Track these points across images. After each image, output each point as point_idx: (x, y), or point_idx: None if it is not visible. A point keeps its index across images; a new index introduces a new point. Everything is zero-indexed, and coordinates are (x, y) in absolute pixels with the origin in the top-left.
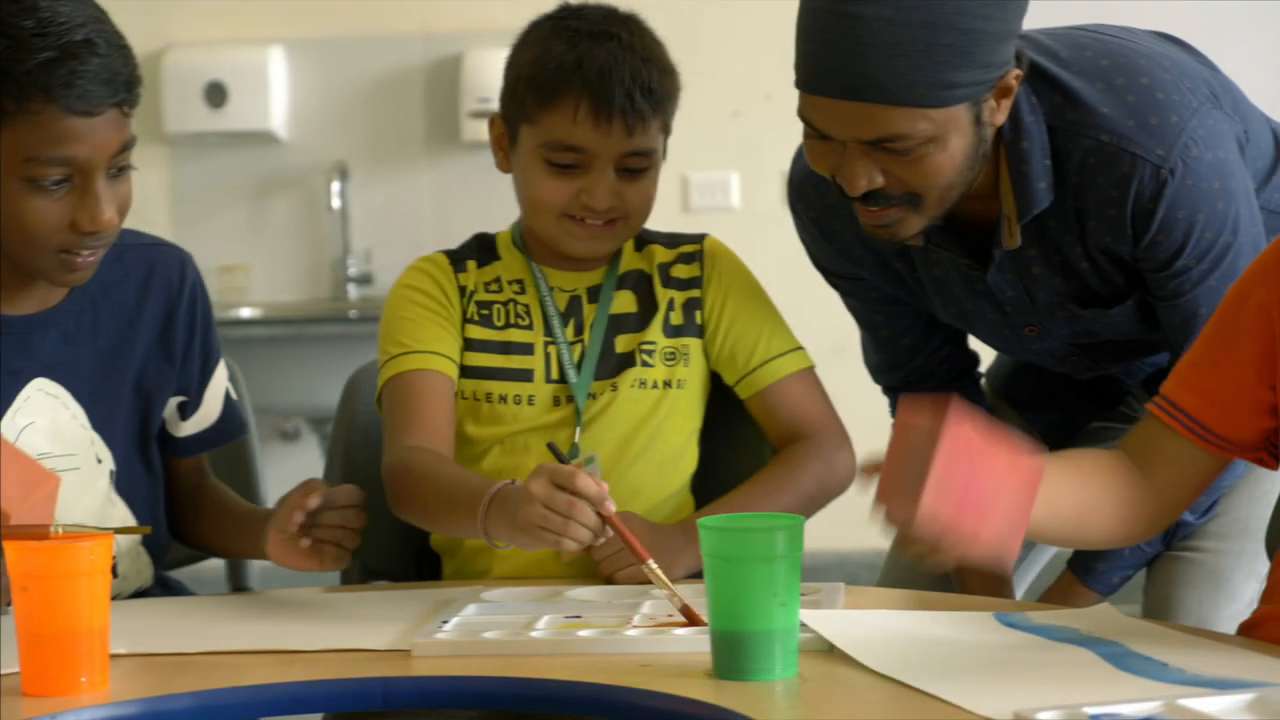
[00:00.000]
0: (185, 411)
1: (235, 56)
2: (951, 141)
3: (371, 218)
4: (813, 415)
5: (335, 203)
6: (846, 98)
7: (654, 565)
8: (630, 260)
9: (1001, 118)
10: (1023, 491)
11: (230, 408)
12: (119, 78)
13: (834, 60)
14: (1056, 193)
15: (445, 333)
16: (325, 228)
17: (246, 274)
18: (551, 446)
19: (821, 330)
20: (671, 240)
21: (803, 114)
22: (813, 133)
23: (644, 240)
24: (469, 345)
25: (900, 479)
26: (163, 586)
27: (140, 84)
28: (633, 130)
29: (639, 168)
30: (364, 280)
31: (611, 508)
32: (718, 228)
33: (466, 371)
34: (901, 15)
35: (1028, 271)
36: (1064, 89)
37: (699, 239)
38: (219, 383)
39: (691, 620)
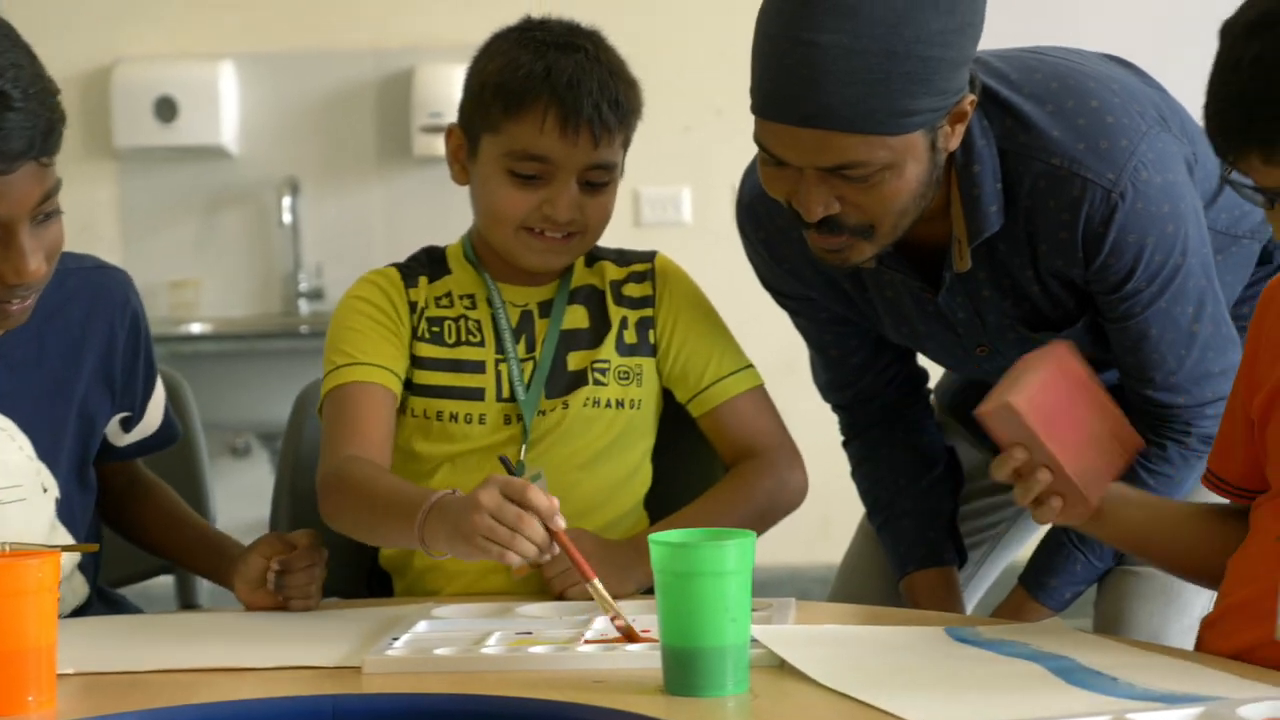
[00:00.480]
0: (128, 425)
1: (185, 71)
2: (908, 168)
3: (322, 233)
4: (764, 433)
5: (286, 218)
6: (804, 125)
7: (598, 584)
8: (581, 276)
9: (955, 143)
10: (1116, 450)
11: (168, 417)
12: (35, 130)
13: (791, 87)
14: (1008, 216)
15: (391, 347)
16: (276, 243)
17: (197, 289)
18: (503, 460)
19: (772, 346)
20: (621, 257)
21: (759, 140)
22: (769, 159)
23: (594, 256)
24: (420, 363)
25: (1001, 387)
26: (102, 599)
27: (63, 122)
28: (599, 142)
29: (600, 181)
30: (315, 295)
31: (561, 523)
32: (669, 243)
33: (417, 389)
34: (859, 43)
35: (978, 294)
36: (1015, 112)
37: (649, 257)
38: (159, 397)
39: (632, 640)
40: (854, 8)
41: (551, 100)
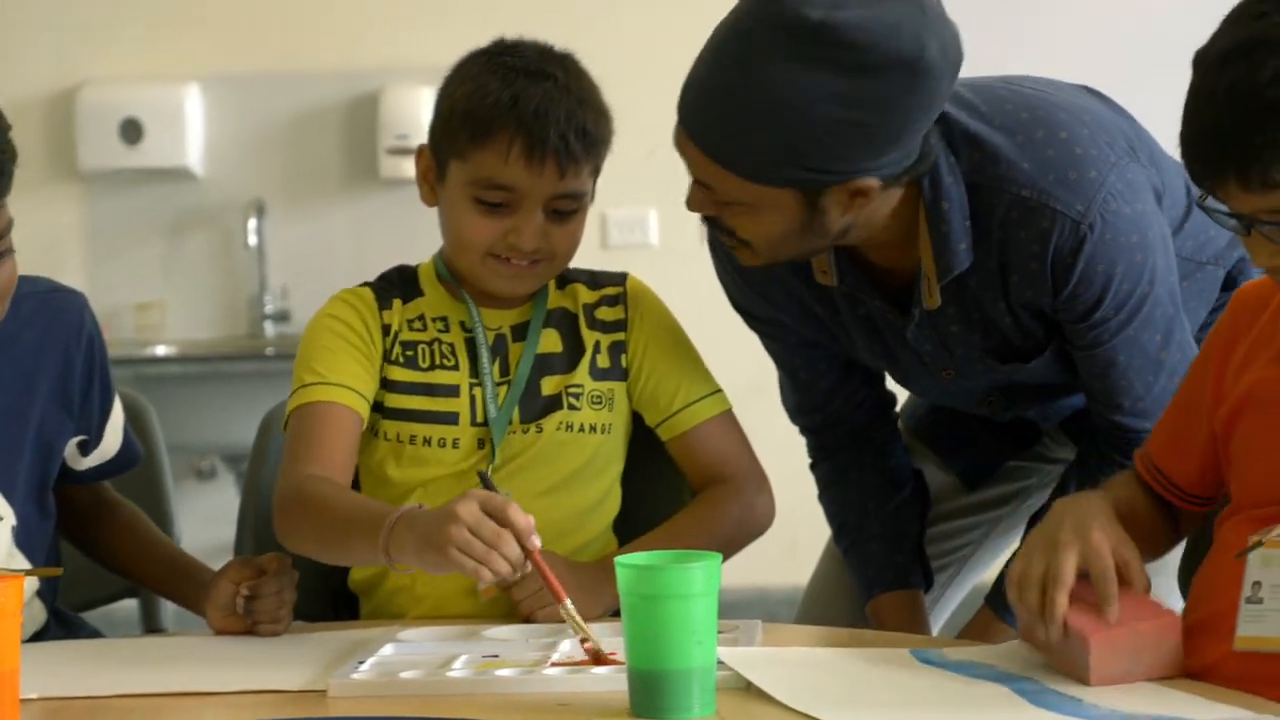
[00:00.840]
0: (85, 449)
1: (151, 93)
2: (765, 214)
3: (288, 255)
4: (733, 458)
5: (252, 240)
6: (682, 127)
7: (570, 606)
8: (554, 298)
9: (860, 212)
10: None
11: (128, 438)
12: None
13: (687, 91)
14: (979, 250)
15: (361, 368)
16: (242, 265)
17: (162, 311)
18: (482, 475)
19: (740, 369)
20: (593, 280)
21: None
22: None
23: (565, 279)
24: (393, 387)
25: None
26: (60, 623)
27: (13, 161)
28: (565, 172)
29: (568, 209)
30: (281, 317)
31: (537, 543)
32: (636, 265)
33: (390, 414)
34: (740, 93)
35: (946, 329)
36: (983, 145)
37: (620, 280)
38: (117, 420)
39: (600, 663)
40: (753, 60)
41: (518, 130)
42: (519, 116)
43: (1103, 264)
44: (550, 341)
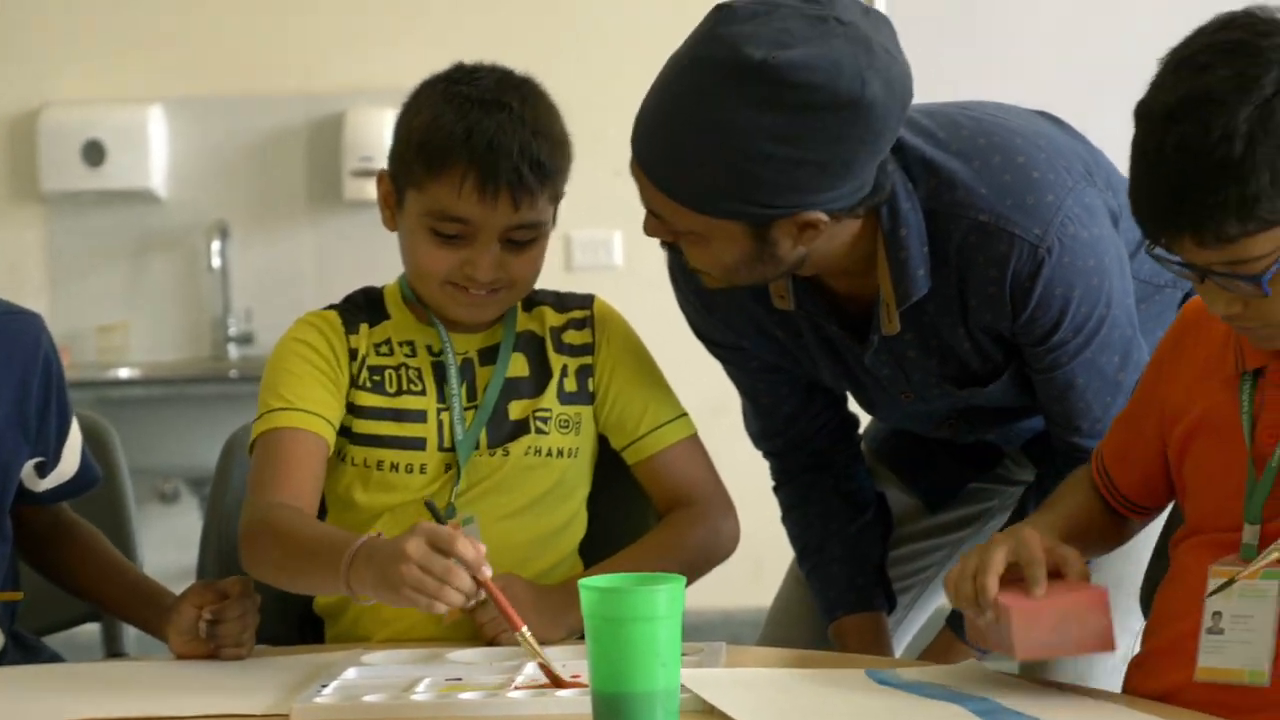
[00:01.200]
0: (42, 470)
1: (114, 115)
2: (715, 244)
3: (252, 277)
4: (699, 482)
5: (215, 262)
6: (635, 158)
7: (527, 633)
8: (521, 321)
9: (810, 242)
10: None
11: (86, 460)
12: None
13: (639, 118)
14: (938, 276)
15: (328, 394)
16: (205, 287)
17: (125, 333)
18: (429, 505)
19: (702, 390)
20: (560, 303)
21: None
22: None
23: (532, 301)
24: (360, 412)
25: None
26: (18, 646)
27: None
28: (519, 204)
29: (525, 239)
30: (244, 340)
31: (487, 573)
32: (600, 286)
33: (357, 439)
34: (685, 127)
35: (903, 355)
36: (939, 171)
37: (587, 302)
38: (75, 441)
39: (560, 687)
40: (699, 95)
41: (471, 164)
42: (472, 150)
43: (1060, 287)
44: (518, 365)
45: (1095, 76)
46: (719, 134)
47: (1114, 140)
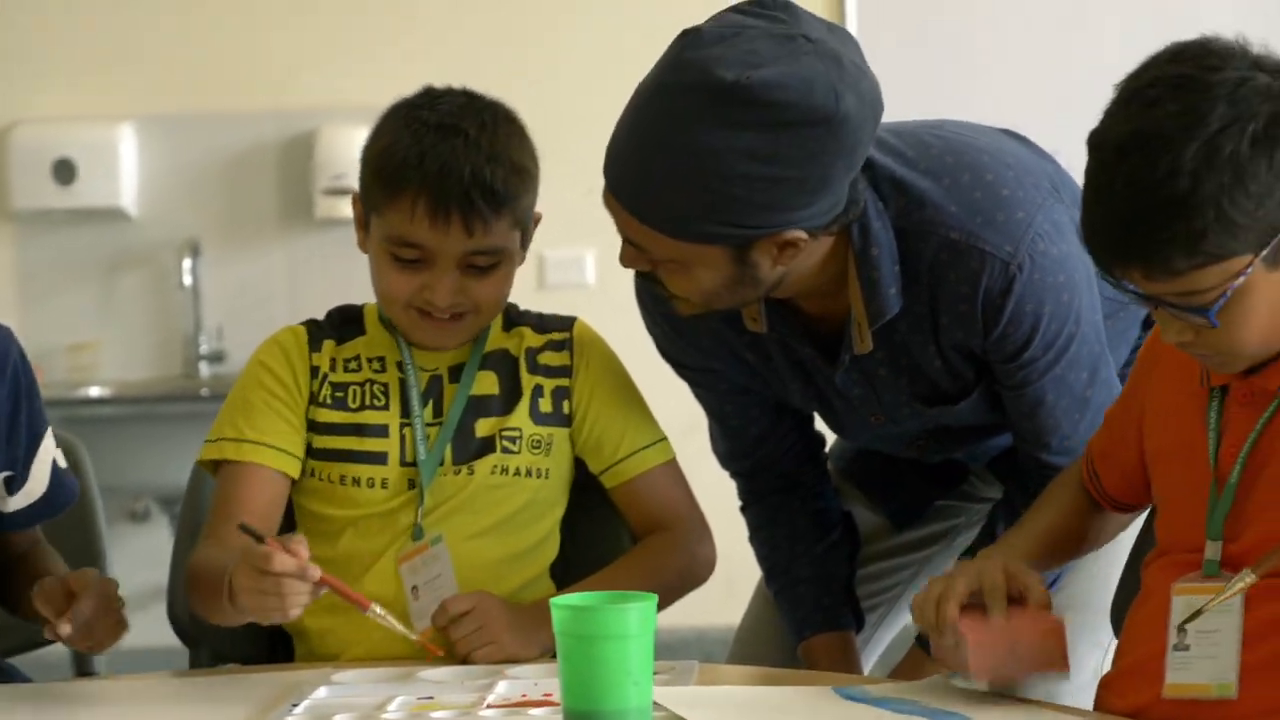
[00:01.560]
0: (11, 486)
1: (84, 133)
2: (695, 271)
3: (224, 295)
4: (675, 507)
5: (187, 280)
6: (609, 189)
7: (378, 609)
8: (497, 339)
9: (790, 261)
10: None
11: (58, 477)
12: None
13: (612, 149)
14: (910, 294)
15: (285, 423)
16: (176, 305)
17: (96, 352)
18: (244, 527)
19: (675, 409)
20: (541, 324)
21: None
22: None
23: (513, 320)
24: (321, 429)
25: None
26: None
27: None
28: (472, 230)
29: (485, 265)
30: (216, 358)
31: (316, 574)
32: (573, 305)
33: (318, 454)
34: (661, 152)
35: (874, 374)
36: (909, 190)
37: (568, 324)
38: (46, 455)
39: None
40: (673, 120)
41: (421, 189)
42: (423, 175)
43: (1031, 304)
44: (487, 383)
45: (1064, 95)
46: (695, 158)
47: (1082, 160)
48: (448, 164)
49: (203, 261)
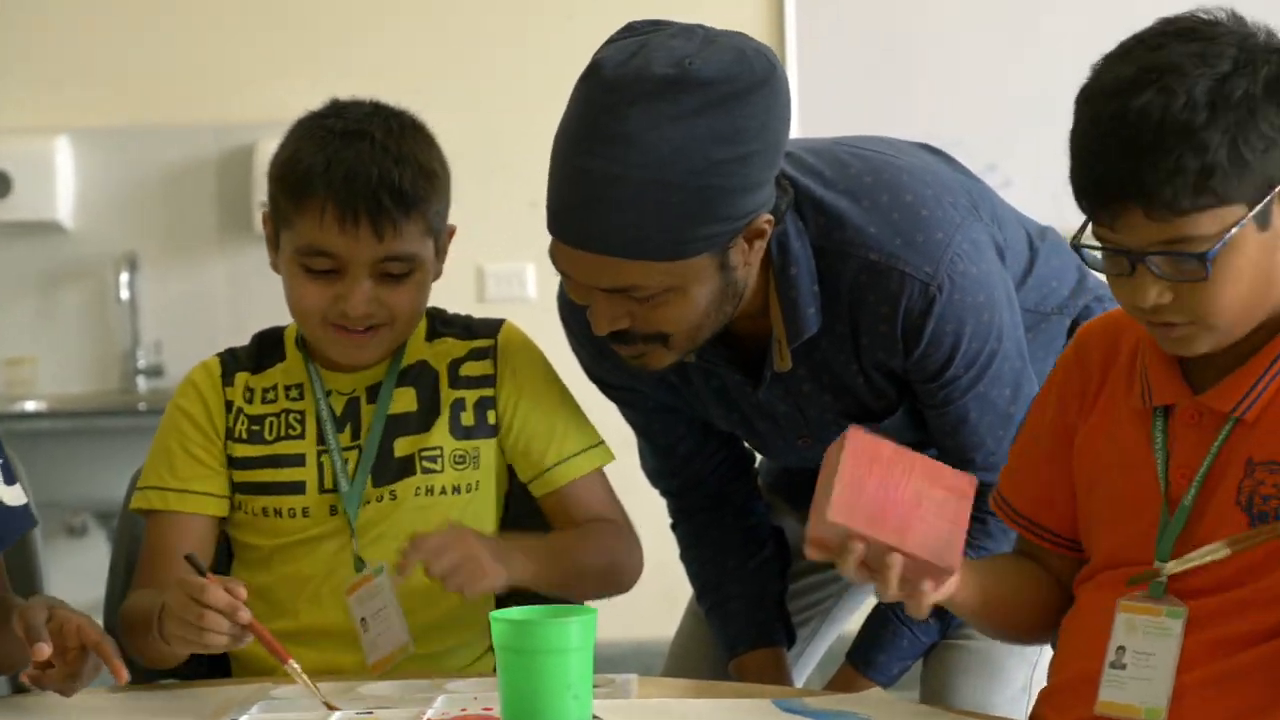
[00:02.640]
0: None
1: (19, 145)
2: (692, 290)
3: (163, 309)
4: (605, 515)
5: (124, 294)
6: (581, 248)
7: (295, 665)
8: (417, 351)
9: (756, 257)
10: (951, 502)
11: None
12: None
13: (567, 210)
14: (830, 313)
15: (205, 468)
16: (114, 319)
17: (33, 366)
18: (189, 558)
19: (618, 422)
20: (467, 330)
21: (550, 254)
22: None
23: (437, 330)
24: (239, 463)
25: (818, 500)
26: None
27: None
28: (382, 235)
29: (399, 273)
30: (154, 372)
31: (245, 617)
32: (514, 318)
33: (240, 487)
34: (630, 172)
35: (798, 390)
36: (829, 210)
37: (494, 330)
38: None
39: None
40: (627, 136)
41: (328, 194)
42: (329, 181)
43: (952, 324)
44: (404, 401)
45: (1009, 100)
46: (664, 165)
47: (1022, 171)
48: (354, 168)
49: (141, 276)
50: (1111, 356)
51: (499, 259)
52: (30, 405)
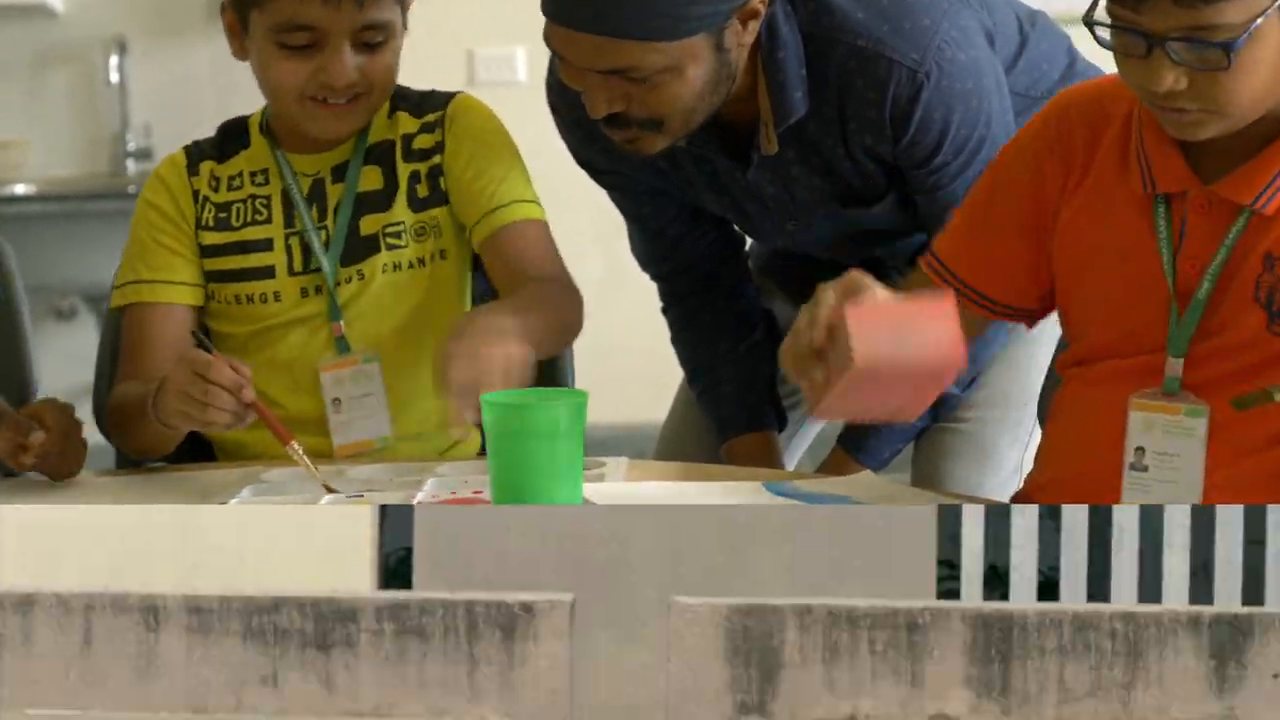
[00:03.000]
0: None
1: None
2: (689, 70)
3: (151, 92)
4: (544, 262)
5: (114, 77)
6: (578, 29)
7: (297, 446)
8: (380, 130)
9: (749, 39)
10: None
11: None
12: None
13: None
14: (818, 98)
15: (178, 257)
16: (103, 102)
17: (22, 150)
18: (195, 334)
19: (606, 204)
20: (419, 105)
21: (545, 38)
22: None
23: (395, 105)
24: (209, 251)
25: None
26: None
27: None
28: (363, 2)
29: (375, 41)
30: (143, 155)
31: (249, 396)
32: (504, 102)
33: (213, 276)
34: None
35: (787, 172)
36: None
37: (444, 102)
38: None
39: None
40: None
41: None
42: None
43: (940, 111)
44: (371, 179)
45: None
46: None
47: None
48: None
49: (130, 58)
50: (1097, 134)
51: (489, 42)
52: (20, 189)
